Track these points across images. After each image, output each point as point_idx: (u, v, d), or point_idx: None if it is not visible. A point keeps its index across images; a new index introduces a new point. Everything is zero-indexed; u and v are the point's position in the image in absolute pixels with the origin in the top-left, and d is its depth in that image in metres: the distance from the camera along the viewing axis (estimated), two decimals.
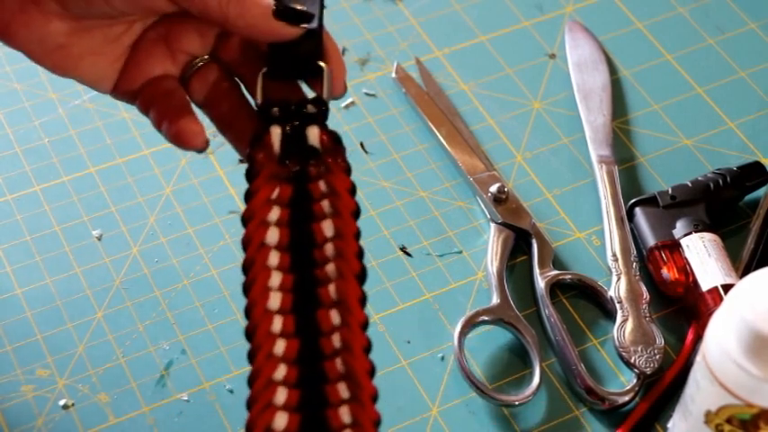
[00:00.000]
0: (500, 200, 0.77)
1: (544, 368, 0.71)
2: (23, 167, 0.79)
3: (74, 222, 0.76)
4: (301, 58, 0.60)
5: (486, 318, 0.71)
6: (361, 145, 0.81)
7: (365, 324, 0.56)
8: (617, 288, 0.73)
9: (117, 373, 0.70)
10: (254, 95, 0.62)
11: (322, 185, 0.58)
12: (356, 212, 0.58)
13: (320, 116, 0.59)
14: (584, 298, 0.74)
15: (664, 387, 0.69)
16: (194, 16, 0.61)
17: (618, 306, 0.72)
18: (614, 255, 0.74)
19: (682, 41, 0.88)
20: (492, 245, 0.75)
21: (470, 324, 0.71)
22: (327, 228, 0.57)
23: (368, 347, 0.56)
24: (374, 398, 0.55)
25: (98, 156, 0.80)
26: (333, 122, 0.72)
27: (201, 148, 0.62)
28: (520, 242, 0.76)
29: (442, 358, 0.71)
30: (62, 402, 0.68)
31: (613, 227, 0.76)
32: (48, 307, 0.72)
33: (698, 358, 0.59)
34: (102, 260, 0.75)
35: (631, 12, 0.90)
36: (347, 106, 0.83)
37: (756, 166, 0.78)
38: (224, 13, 0.59)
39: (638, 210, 0.76)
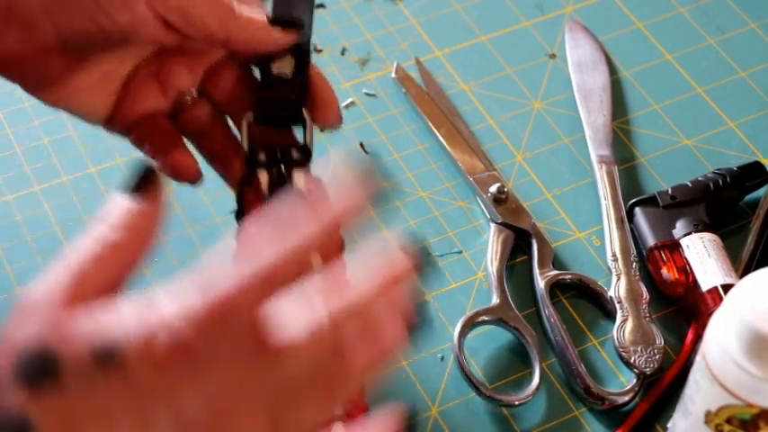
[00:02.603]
0: (500, 200, 0.77)
1: (544, 368, 0.71)
2: (23, 167, 0.79)
3: (74, 222, 0.76)
4: (286, 107, 0.64)
5: (486, 318, 0.71)
6: (361, 145, 0.81)
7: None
8: (617, 288, 0.73)
9: None
10: (240, 135, 0.65)
11: None
12: (342, 245, 0.62)
13: (305, 161, 0.64)
14: (584, 298, 0.74)
15: (664, 387, 0.69)
16: (187, 50, 0.64)
17: (618, 306, 0.72)
18: (614, 255, 0.74)
19: (682, 41, 0.88)
20: (492, 245, 0.75)
21: (470, 324, 0.71)
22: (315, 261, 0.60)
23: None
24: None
25: (98, 156, 0.80)
26: None
27: (196, 180, 0.65)
28: (520, 242, 0.76)
29: (442, 358, 0.71)
30: None
31: (613, 227, 0.76)
32: None
33: (698, 358, 0.59)
34: None
35: (631, 12, 0.90)
36: (347, 106, 0.83)
37: (756, 166, 0.78)
38: (226, 30, 0.62)
39: (638, 210, 0.76)
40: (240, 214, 0.63)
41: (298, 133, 0.66)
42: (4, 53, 0.62)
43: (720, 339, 0.57)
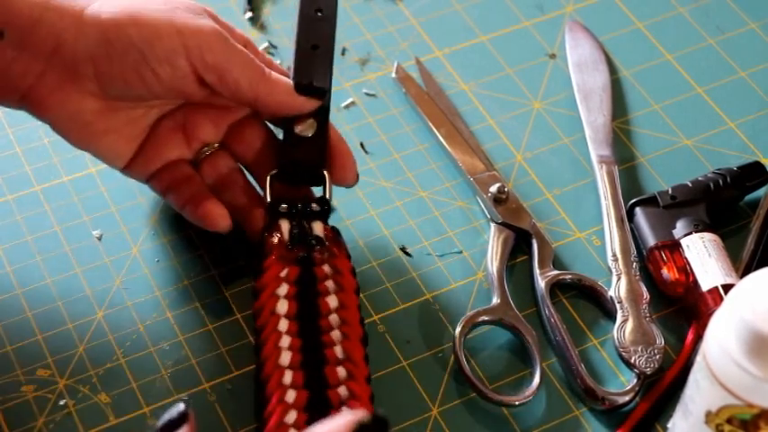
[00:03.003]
0: (500, 200, 0.77)
1: (544, 368, 0.70)
2: (24, 167, 0.79)
3: (74, 222, 0.76)
4: (308, 166, 0.70)
5: (487, 318, 0.71)
6: (361, 145, 0.81)
7: (369, 378, 0.65)
8: (617, 288, 0.73)
9: (117, 373, 0.70)
10: (261, 187, 0.70)
11: (326, 268, 0.67)
12: (357, 290, 0.68)
13: (324, 214, 0.69)
14: (584, 298, 0.74)
15: (664, 387, 0.69)
16: (213, 105, 0.69)
17: (618, 306, 0.72)
18: (614, 255, 0.74)
19: (682, 41, 0.88)
20: (492, 245, 0.75)
21: (470, 324, 0.71)
22: (332, 301, 0.66)
23: (372, 397, 0.64)
24: None
25: None
26: (333, 121, 0.73)
27: (227, 229, 0.70)
28: (520, 242, 0.76)
29: (442, 358, 0.71)
30: (62, 402, 0.68)
31: (613, 227, 0.76)
32: (48, 307, 0.72)
33: (698, 358, 0.60)
34: (103, 260, 0.75)
35: (631, 12, 0.90)
36: (347, 106, 0.83)
37: (756, 166, 0.78)
38: (255, 92, 0.67)
39: (638, 210, 0.76)
40: (263, 257, 0.67)
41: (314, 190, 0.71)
42: (42, 93, 0.66)
43: (721, 339, 0.57)
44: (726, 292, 0.70)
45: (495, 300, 0.72)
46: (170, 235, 0.76)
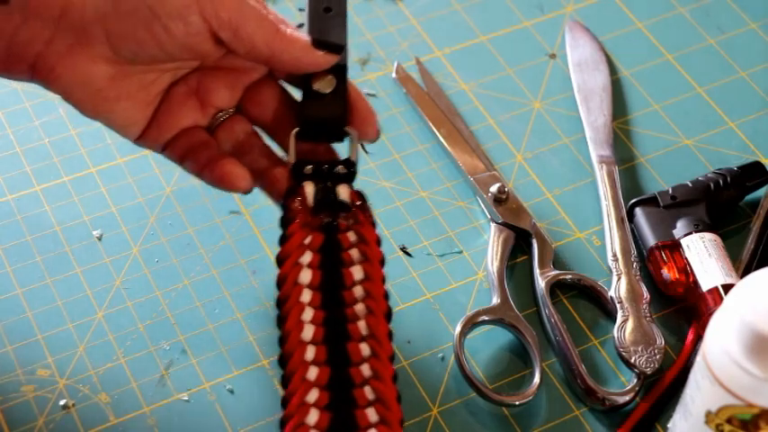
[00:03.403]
0: (500, 200, 0.77)
1: (544, 368, 0.71)
2: (24, 167, 0.79)
3: (74, 222, 0.76)
4: (329, 123, 0.66)
5: (487, 318, 0.71)
6: (362, 145, 0.81)
7: (392, 357, 0.62)
8: (617, 288, 0.73)
9: (117, 373, 0.70)
10: (283, 149, 0.68)
11: (351, 236, 0.63)
12: (382, 261, 0.64)
13: (350, 176, 0.65)
14: (584, 298, 0.74)
15: (664, 387, 0.69)
16: (227, 68, 0.67)
17: (618, 306, 0.72)
18: (614, 255, 0.74)
19: (682, 41, 0.88)
20: (492, 245, 0.75)
21: (470, 324, 0.71)
22: (357, 272, 0.63)
23: (395, 377, 0.61)
24: (401, 422, 0.60)
25: (98, 156, 0.80)
26: None
27: (248, 189, 0.67)
28: (520, 242, 0.76)
29: (442, 358, 0.71)
30: (63, 402, 0.68)
31: (614, 227, 0.76)
32: (48, 307, 0.72)
33: (698, 358, 0.60)
34: (103, 260, 0.75)
35: (631, 12, 0.90)
36: None
37: (756, 166, 0.78)
38: (270, 48, 0.65)
39: (638, 210, 0.76)
40: (287, 223, 0.64)
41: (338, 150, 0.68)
42: (51, 60, 0.64)
43: (721, 339, 0.57)
44: (726, 292, 0.70)
45: (495, 300, 0.72)
46: (170, 235, 0.76)
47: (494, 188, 0.77)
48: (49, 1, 0.63)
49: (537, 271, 0.74)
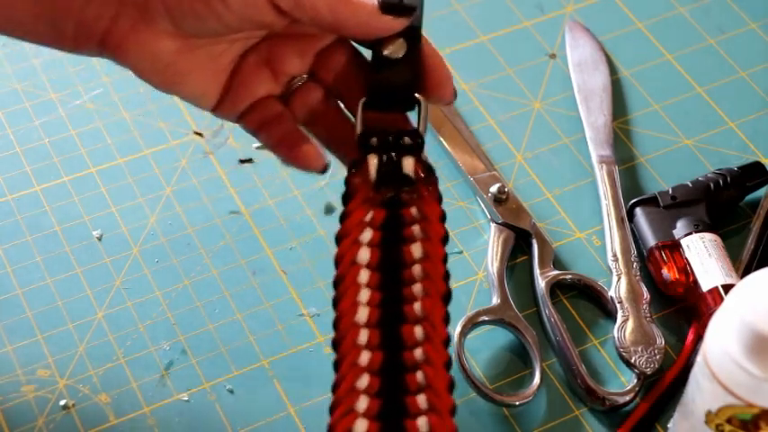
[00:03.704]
0: (500, 200, 0.77)
1: (544, 368, 0.70)
2: (24, 167, 0.79)
3: (74, 222, 0.76)
4: (399, 90, 0.63)
5: (487, 318, 0.71)
6: None
7: (447, 341, 0.59)
8: (617, 288, 0.73)
9: (117, 374, 0.70)
10: (354, 116, 0.65)
11: (414, 211, 0.61)
12: (445, 238, 0.61)
13: (416, 148, 0.62)
14: (584, 298, 0.74)
15: (664, 387, 0.69)
16: (297, 34, 0.65)
17: (618, 306, 0.72)
18: (614, 255, 0.74)
19: (682, 41, 0.88)
20: (492, 245, 0.75)
21: (471, 324, 0.71)
22: (416, 250, 0.60)
23: (448, 363, 0.59)
24: (453, 410, 0.58)
25: (98, 156, 0.80)
26: None
27: (323, 170, 0.65)
28: (520, 242, 0.76)
29: None
30: (63, 403, 0.68)
31: (614, 227, 0.76)
32: (48, 307, 0.72)
33: (698, 358, 0.59)
34: (103, 260, 0.75)
35: (631, 12, 0.90)
36: None
37: (757, 166, 0.78)
38: (335, 16, 0.62)
39: (638, 210, 0.76)
40: (348, 198, 0.62)
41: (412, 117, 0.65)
42: (118, 37, 0.63)
43: (721, 339, 0.57)
44: (726, 292, 0.70)
45: (495, 300, 0.72)
46: (170, 235, 0.76)
47: (494, 188, 0.77)
48: None
49: (537, 271, 0.74)
